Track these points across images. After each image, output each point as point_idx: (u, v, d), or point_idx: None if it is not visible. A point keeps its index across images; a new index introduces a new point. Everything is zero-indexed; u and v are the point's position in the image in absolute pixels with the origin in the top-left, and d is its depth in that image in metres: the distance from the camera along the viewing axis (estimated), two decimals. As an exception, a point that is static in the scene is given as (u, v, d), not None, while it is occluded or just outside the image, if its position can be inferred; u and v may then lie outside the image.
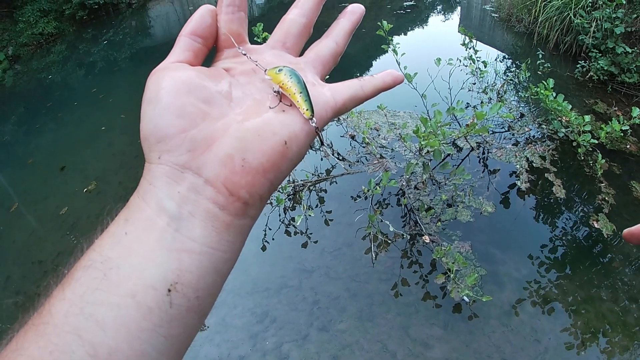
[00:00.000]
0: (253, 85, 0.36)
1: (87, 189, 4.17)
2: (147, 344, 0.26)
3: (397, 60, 3.09)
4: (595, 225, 2.92)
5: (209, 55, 0.39)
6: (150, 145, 0.31)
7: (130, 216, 0.29)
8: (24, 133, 6.10)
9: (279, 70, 0.34)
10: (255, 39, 2.90)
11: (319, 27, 0.44)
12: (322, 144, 0.38)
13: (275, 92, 0.34)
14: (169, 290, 0.27)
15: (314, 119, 0.33)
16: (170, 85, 0.32)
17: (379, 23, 3.00)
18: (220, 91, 0.34)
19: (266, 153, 0.31)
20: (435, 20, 7.95)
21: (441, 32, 7.31)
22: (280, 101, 0.34)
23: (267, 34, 2.95)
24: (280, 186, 3.27)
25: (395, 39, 3.16)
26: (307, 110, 0.33)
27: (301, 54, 0.42)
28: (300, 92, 0.33)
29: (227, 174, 0.30)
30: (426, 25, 7.75)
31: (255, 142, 0.31)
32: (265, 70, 0.36)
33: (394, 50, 3.09)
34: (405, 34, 7.11)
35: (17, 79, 8.39)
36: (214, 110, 0.32)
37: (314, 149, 3.92)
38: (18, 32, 9.38)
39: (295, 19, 0.41)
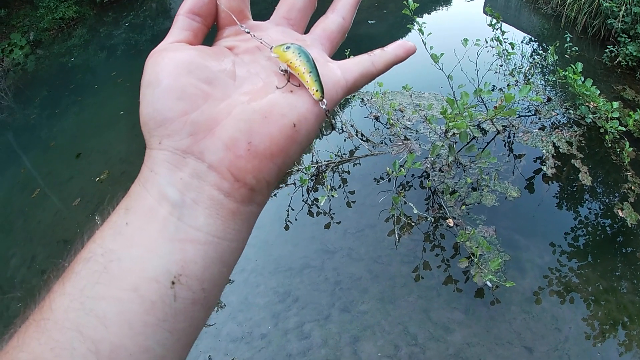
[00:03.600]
0: (258, 63, 0.34)
1: (99, 178, 4.20)
2: (151, 340, 0.25)
3: (423, 41, 3.03)
4: (620, 214, 2.87)
5: (211, 33, 0.37)
6: (150, 130, 0.30)
7: (131, 205, 0.28)
8: (47, 116, 6.19)
9: (286, 48, 0.32)
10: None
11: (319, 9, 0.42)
12: (332, 128, 0.37)
13: (282, 71, 0.33)
14: (173, 283, 0.26)
15: (324, 100, 0.31)
16: (170, 66, 0.30)
17: (404, 2, 2.94)
18: (223, 70, 0.32)
19: (274, 136, 0.29)
20: (459, 0, 7.79)
21: (465, 12, 7.16)
22: (288, 81, 0.32)
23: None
24: (304, 167, 3.29)
25: (419, 19, 3.10)
26: (317, 91, 0.31)
27: (306, 31, 0.40)
28: (310, 72, 0.31)
29: (231, 158, 0.28)
30: (450, 5, 7.60)
31: (262, 124, 0.29)
32: (271, 48, 0.34)
33: (420, 30, 3.03)
34: (429, 14, 7.00)
35: (39, 64, 8.49)
36: (217, 90, 0.31)
37: (336, 130, 3.90)
38: (39, 18, 9.46)
39: None
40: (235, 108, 0.30)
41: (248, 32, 0.35)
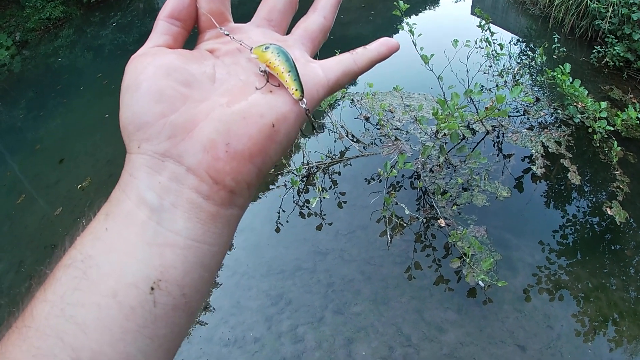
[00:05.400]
0: (239, 65, 0.34)
1: (80, 185, 4.12)
2: (131, 346, 0.25)
3: (413, 42, 3.03)
4: (609, 212, 2.90)
5: (193, 36, 0.37)
6: (129, 134, 0.29)
7: (111, 211, 0.28)
8: (33, 118, 6.11)
9: (265, 48, 0.32)
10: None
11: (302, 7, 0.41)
12: (313, 127, 0.36)
13: (261, 71, 0.32)
14: (152, 289, 0.26)
15: (304, 99, 0.31)
16: (149, 70, 0.30)
17: (395, 3, 2.95)
18: (202, 73, 0.32)
19: (252, 137, 0.29)
20: (447, 1, 7.82)
21: (453, 13, 7.20)
22: (268, 81, 0.32)
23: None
24: (294, 168, 3.28)
25: (409, 20, 3.12)
26: (296, 90, 0.31)
27: (288, 32, 0.39)
28: (289, 71, 0.31)
29: (209, 160, 0.28)
30: (438, 6, 7.63)
31: (240, 125, 0.29)
32: (250, 49, 0.34)
33: (411, 31, 3.03)
34: (417, 15, 7.02)
35: (26, 64, 8.36)
36: (196, 92, 0.31)
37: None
38: (25, 18, 9.32)
39: None
40: (214, 110, 0.30)
41: (227, 35, 0.35)
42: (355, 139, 3.73)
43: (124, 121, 0.30)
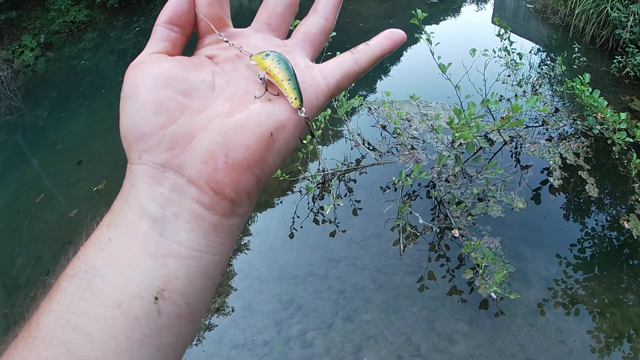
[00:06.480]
0: (238, 72, 0.33)
1: (96, 188, 4.20)
2: (137, 356, 0.25)
3: (431, 50, 3.03)
4: (626, 226, 2.85)
5: (192, 41, 0.37)
6: (129, 145, 0.29)
7: (114, 221, 0.28)
8: (55, 119, 6.24)
9: (265, 55, 0.32)
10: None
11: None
12: (312, 136, 0.34)
13: (260, 79, 0.32)
14: (156, 298, 0.26)
15: (303, 109, 0.31)
16: (147, 79, 0.30)
17: (412, 12, 2.95)
18: (202, 81, 0.32)
19: (250, 147, 0.29)
20: (467, 10, 7.80)
21: (473, 22, 7.16)
22: (267, 90, 0.32)
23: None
24: (310, 175, 3.29)
25: (427, 28, 3.10)
26: (295, 99, 0.31)
27: (288, 35, 0.39)
28: (289, 80, 0.31)
29: (209, 172, 0.28)
30: (458, 15, 7.61)
31: (238, 135, 0.29)
32: (250, 56, 0.33)
33: (428, 40, 3.03)
34: (437, 24, 7.02)
35: (49, 66, 8.55)
36: (195, 102, 0.30)
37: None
38: (50, 20, 9.54)
39: None
40: (212, 120, 0.30)
41: (227, 41, 0.35)
42: (371, 147, 3.73)
43: (124, 131, 0.30)
